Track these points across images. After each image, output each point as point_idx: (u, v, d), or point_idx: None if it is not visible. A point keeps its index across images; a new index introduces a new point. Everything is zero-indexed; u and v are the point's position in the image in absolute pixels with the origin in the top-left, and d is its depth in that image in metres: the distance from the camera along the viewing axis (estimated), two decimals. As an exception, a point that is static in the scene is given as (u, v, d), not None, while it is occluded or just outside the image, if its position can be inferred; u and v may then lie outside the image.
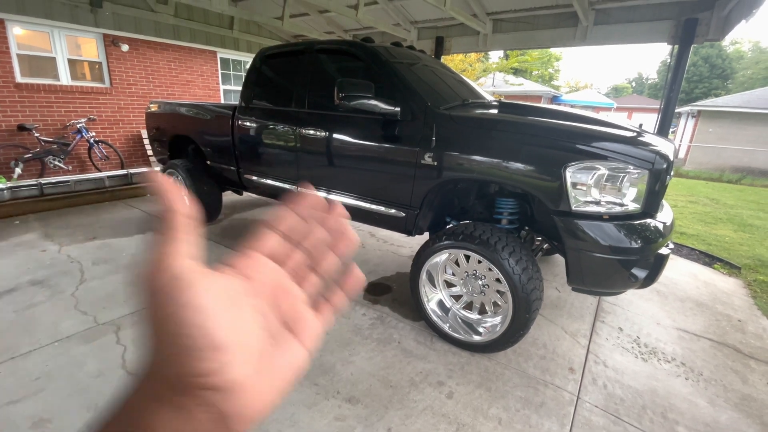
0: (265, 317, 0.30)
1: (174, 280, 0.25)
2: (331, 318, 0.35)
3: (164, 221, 0.26)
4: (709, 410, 1.92)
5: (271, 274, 0.32)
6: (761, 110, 14.52)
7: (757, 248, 4.84)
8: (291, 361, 0.31)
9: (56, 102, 5.72)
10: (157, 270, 0.25)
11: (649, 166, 1.81)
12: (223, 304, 0.26)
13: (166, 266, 0.25)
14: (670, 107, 4.05)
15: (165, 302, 0.24)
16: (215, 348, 0.25)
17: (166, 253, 0.25)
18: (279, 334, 0.31)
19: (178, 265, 0.25)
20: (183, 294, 0.24)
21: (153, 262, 0.25)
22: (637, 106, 28.25)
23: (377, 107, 2.30)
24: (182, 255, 0.26)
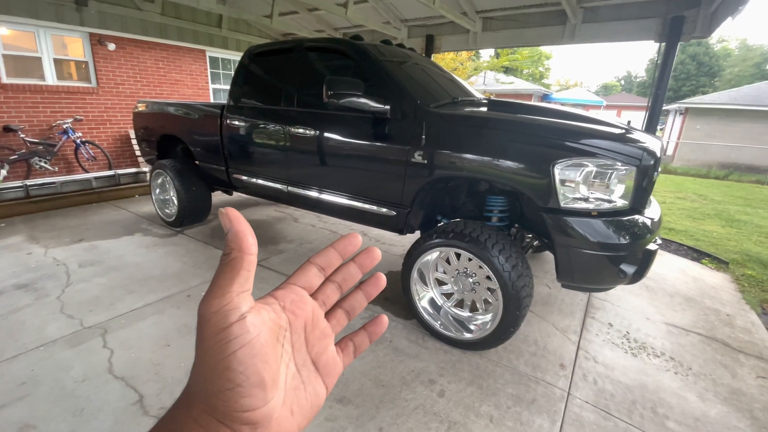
0: (297, 350, 0.31)
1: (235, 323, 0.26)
2: (351, 358, 0.36)
3: (232, 259, 0.27)
4: (698, 405, 1.94)
5: (308, 309, 0.33)
6: (748, 107, 14.76)
7: (744, 243, 4.91)
8: (313, 398, 0.31)
9: (42, 102, 5.62)
10: (219, 308, 0.26)
11: (637, 162, 1.82)
12: (270, 342, 0.28)
13: (228, 305, 0.26)
14: (657, 104, 4.08)
15: (224, 343, 0.25)
16: (261, 386, 0.26)
17: (228, 292, 0.26)
18: (307, 370, 0.32)
19: (238, 305, 0.26)
20: (240, 335, 0.26)
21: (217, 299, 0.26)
22: (626, 104, 28.55)
23: (367, 105, 2.28)
24: (241, 293, 0.27)
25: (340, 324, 0.36)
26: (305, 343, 0.32)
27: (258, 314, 0.28)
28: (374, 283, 0.38)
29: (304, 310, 0.32)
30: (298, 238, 3.91)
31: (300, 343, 0.32)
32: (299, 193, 2.94)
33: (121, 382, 1.86)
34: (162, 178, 3.98)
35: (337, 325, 0.36)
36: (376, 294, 0.38)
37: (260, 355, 0.26)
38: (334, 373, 0.34)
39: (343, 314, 0.36)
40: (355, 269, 0.36)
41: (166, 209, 4.09)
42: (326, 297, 0.35)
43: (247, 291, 0.28)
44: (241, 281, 0.27)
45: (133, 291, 2.70)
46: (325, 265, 0.35)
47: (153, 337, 2.21)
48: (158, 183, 4.07)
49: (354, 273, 0.37)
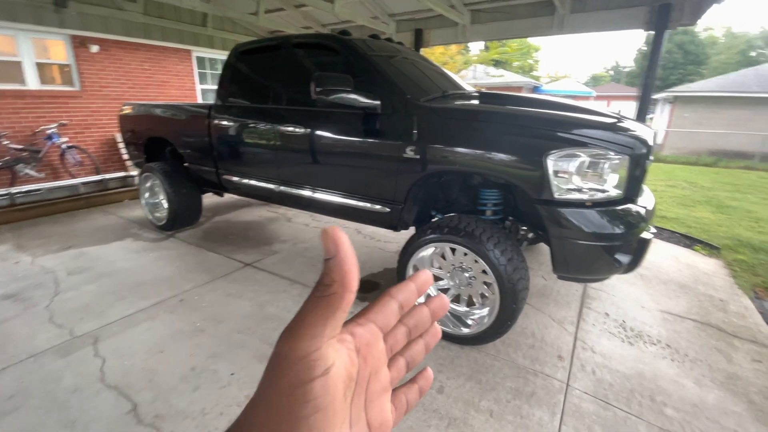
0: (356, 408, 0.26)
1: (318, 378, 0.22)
2: (402, 414, 0.31)
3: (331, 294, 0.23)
4: (695, 390, 1.95)
5: (378, 355, 0.28)
6: (734, 94, 14.93)
7: (734, 228, 4.97)
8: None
9: (24, 108, 5.48)
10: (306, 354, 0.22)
11: (630, 151, 1.81)
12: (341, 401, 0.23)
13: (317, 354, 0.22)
14: (647, 93, 4.10)
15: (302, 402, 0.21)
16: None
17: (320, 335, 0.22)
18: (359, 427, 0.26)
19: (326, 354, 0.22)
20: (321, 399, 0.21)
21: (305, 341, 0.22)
22: (615, 94, 28.74)
23: (357, 101, 2.25)
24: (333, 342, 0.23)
25: (399, 376, 0.30)
26: (365, 397, 0.27)
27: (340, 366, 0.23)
28: (434, 334, 0.33)
29: (376, 356, 0.27)
30: (292, 238, 3.87)
31: (360, 397, 0.26)
32: (291, 193, 2.90)
33: (113, 391, 1.82)
34: (151, 182, 3.92)
35: (396, 377, 0.30)
36: (434, 344, 0.33)
37: (331, 420, 0.22)
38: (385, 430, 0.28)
39: (404, 364, 0.31)
40: (427, 314, 0.31)
41: (156, 213, 4.03)
42: (395, 342, 0.29)
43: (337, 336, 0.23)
44: (335, 324, 0.23)
45: (124, 297, 2.65)
46: (405, 302, 0.29)
47: (146, 343, 2.16)
48: (147, 186, 4.00)
49: (425, 319, 0.31)
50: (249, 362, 2.03)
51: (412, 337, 0.31)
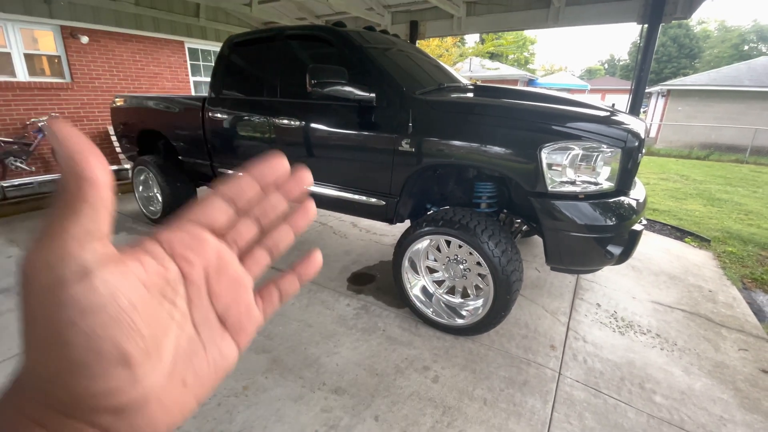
0: (196, 304, 0.25)
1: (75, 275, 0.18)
2: (276, 305, 0.30)
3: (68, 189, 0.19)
4: (684, 378, 2.00)
5: (211, 252, 0.25)
6: (727, 87, 15.04)
7: (725, 221, 5.05)
8: (217, 362, 0.25)
9: (14, 100, 5.40)
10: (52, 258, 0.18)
11: (622, 144, 1.83)
12: (146, 302, 0.21)
13: (65, 254, 0.18)
14: (640, 86, 4.12)
15: (60, 304, 0.18)
16: (124, 363, 0.19)
17: (62, 236, 0.18)
18: (209, 328, 0.25)
19: (82, 253, 0.18)
20: (84, 300, 0.18)
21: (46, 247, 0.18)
22: (609, 88, 28.82)
23: (352, 94, 2.24)
24: (88, 237, 0.19)
25: (260, 265, 0.29)
26: (208, 295, 0.25)
27: (121, 266, 0.20)
28: (303, 213, 0.31)
29: (204, 253, 0.25)
30: (288, 231, 3.87)
31: (200, 297, 0.25)
32: (286, 186, 2.89)
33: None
34: (144, 175, 3.89)
35: (255, 266, 0.29)
36: (305, 224, 0.31)
37: (122, 322, 0.19)
38: (250, 327, 0.27)
39: (264, 253, 0.29)
40: (278, 199, 0.29)
41: (150, 206, 4.00)
42: (238, 235, 0.27)
43: (99, 237, 0.19)
44: (83, 222, 0.19)
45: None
46: (235, 195, 0.27)
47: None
48: (141, 180, 3.97)
49: (277, 203, 0.29)
50: (246, 353, 2.04)
51: (267, 224, 0.29)
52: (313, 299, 2.59)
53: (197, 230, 0.25)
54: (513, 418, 1.69)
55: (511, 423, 1.66)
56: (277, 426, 1.62)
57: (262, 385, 1.83)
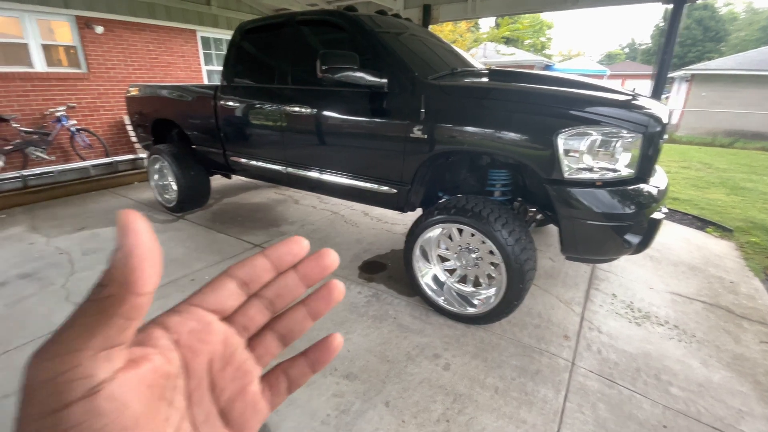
0: (197, 401, 0.23)
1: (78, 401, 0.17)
2: (283, 397, 0.27)
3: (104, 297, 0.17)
4: (702, 370, 1.95)
5: (215, 341, 0.24)
6: (754, 72, 14.38)
7: (749, 210, 4.87)
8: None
9: (32, 90, 5.51)
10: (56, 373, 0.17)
11: (643, 129, 1.76)
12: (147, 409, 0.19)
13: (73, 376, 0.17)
14: (663, 70, 3.96)
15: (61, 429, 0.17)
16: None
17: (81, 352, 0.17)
18: (210, 427, 0.23)
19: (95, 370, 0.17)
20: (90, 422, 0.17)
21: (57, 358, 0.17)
22: (630, 73, 27.87)
23: (363, 79, 2.21)
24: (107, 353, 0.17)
25: (270, 354, 0.27)
26: (210, 388, 0.24)
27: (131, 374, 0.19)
28: (325, 296, 0.27)
29: (210, 342, 0.23)
30: (300, 220, 3.89)
31: (201, 391, 0.23)
32: (298, 174, 2.90)
33: (129, 366, 1.88)
34: (159, 164, 3.94)
35: (265, 355, 0.27)
36: (326, 310, 0.28)
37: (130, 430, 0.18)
38: (254, 421, 0.25)
39: (275, 340, 0.27)
40: (294, 281, 0.27)
41: (165, 195, 4.06)
42: (249, 320, 0.26)
43: (119, 346, 0.18)
44: (109, 333, 0.17)
45: (136, 277, 2.70)
46: (248, 279, 0.25)
47: (159, 321, 2.22)
48: (156, 169, 4.02)
49: (293, 286, 0.27)
50: (259, 339, 2.07)
51: (277, 310, 0.27)
52: (324, 287, 2.61)
53: (206, 316, 0.23)
54: (525, 406, 1.68)
55: (523, 412, 1.66)
56: (289, 410, 1.64)
57: (274, 370, 1.85)
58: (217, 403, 0.24)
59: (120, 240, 0.18)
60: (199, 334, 0.23)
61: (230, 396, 0.24)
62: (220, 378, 0.24)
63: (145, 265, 0.18)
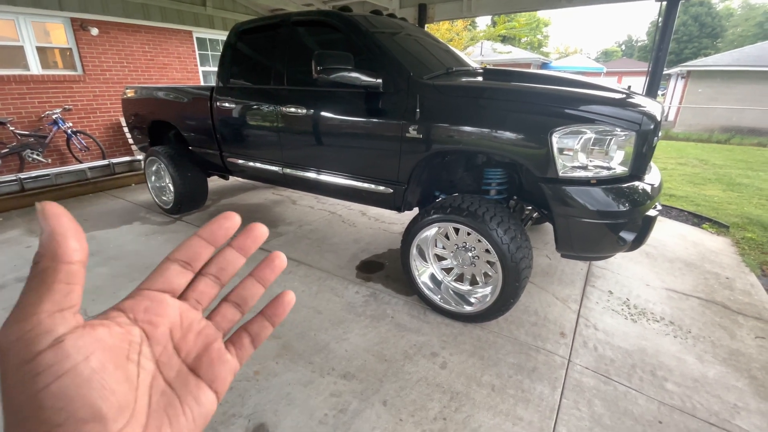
0: (164, 362, 0.27)
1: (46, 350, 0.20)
2: (250, 350, 0.32)
3: (41, 270, 0.22)
4: (697, 366, 1.96)
5: (171, 314, 0.28)
6: (750, 68, 14.43)
7: (745, 206, 4.89)
8: (195, 411, 0.27)
9: (28, 93, 5.50)
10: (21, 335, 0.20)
11: (637, 127, 1.77)
12: (113, 364, 0.23)
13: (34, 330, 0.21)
14: (658, 67, 3.97)
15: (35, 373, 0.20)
16: (98, 419, 0.21)
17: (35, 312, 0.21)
18: (182, 381, 0.27)
19: (49, 327, 0.21)
20: (57, 365, 0.20)
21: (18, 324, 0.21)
22: (626, 70, 27.91)
23: (358, 80, 2.22)
24: (62, 315, 0.21)
25: (229, 320, 0.32)
26: (175, 352, 0.28)
27: (89, 334, 0.22)
28: (269, 265, 0.32)
29: (166, 315, 0.27)
30: (297, 220, 3.90)
31: (167, 354, 0.27)
32: (294, 175, 2.90)
33: (127, 368, 1.88)
34: (156, 166, 3.93)
35: (223, 321, 0.31)
36: (273, 278, 0.33)
37: (93, 382, 0.21)
38: (224, 374, 0.29)
39: (231, 308, 0.32)
40: (233, 255, 0.31)
41: (162, 197, 4.06)
42: (200, 294, 0.30)
43: (69, 309, 0.22)
44: (55, 298, 0.21)
45: (134, 279, 2.71)
46: (189, 258, 0.29)
47: (157, 323, 2.22)
48: (153, 170, 4.02)
49: (233, 259, 0.31)
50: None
51: (226, 281, 0.31)
52: (322, 286, 2.61)
53: (157, 295, 0.28)
54: (521, 404, 1.69)
55: (519, 409, 1.67)
56: (288, 409, 1.65)
57: (272, 370, 1.86)
58: (185, 361, 0.28)
59: (42, 224, 0.22)
60: (154, 310, 0.27)
61: (196, 355, 0.29)
62: (183, 343, 0.28)
63: (68, 239, 0.22)
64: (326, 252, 3.16)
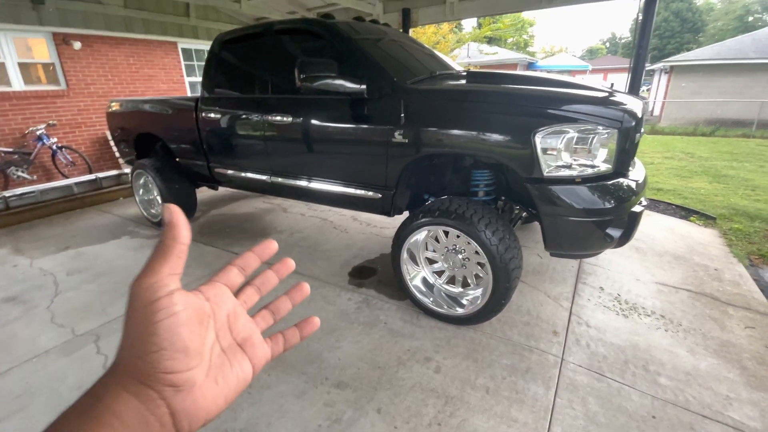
0: (222, 334, 0.36)
1: (164, 297, 0.30)
2: (281, 349, 0.42)
3: (166, 245, 0.32)
4: (689, 359, 1.98)
5: (229, 303, 0.38)
6: (732, 61, 14.71)
7: (731, 197, 4.97)
8: (239, 374, 0.36)
9: (11, 110, 5.42)
10: (150, 285, 0.30)
11: (618, 125, 1.79)
12: (193, 319, 0.32)
13: (158, 283, 0.30)
14: (640, 63, 4.02)
15: (152, 313, 0.29)
16: (185, 351, 0.30)
17: (159, 272, 0.31)
18: (232, 351, 0.37)
19: (167, 283, 0.31)
20: (168, 307, 0.30)
21: (147, 277, 0.30)
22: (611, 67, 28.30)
23: (342, 86, 2.22)
24: (171, 275, 0.31)
25: (265, 322, 0.42)
26: (230, 330, 0.37)
27: (186, 295, 0.32)
28: (298, 290, 0.45)
29: (226, 303, 0.37)
30: (288, 228, 3.88)
31: (224, 330, 0.36)
32: (282, 183, 2.89)
33: (117, 387, 1.85)
34: (144, 178, 3.89)
35: (261, 322, 0.41)
36: (300, 299, 0.44)
37: (186, 325, 0.30)
38: (261, 356, 0.38)
39: (268, 314, 0.43)
40: (272, 275, 0.43)
41: (151, 209, 4.02)
42: (247, 297, 0.41)
43: (177, 275, 0.32)
44: (171, 265, 0.31)
45: (123, 295, 2.67)
46: (244, 266, 0.40)
47: (146, 339, 2.19)
48: (140, 183, 3.98)
49: (271, 278, 0.43)
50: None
51: (264, 293, 0.43)
52: (314, 295, 2.60)
53: (222, 287, 0.38)
54: (516, 405, 1.69)
55: (514, 410, 1.66)
56: (281, 422, 1.63)
57: (265, 383, 1.84)
58: (235, 339, 0.37)
59: (167, 216, 0.33)
60: (219, 296, 0.37)
61: (243, 337, 0.38)
62: (234, 325, 0.38)
63: (183, 228, 0.33)
64: (318, 259, 3.14)
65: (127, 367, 0.29)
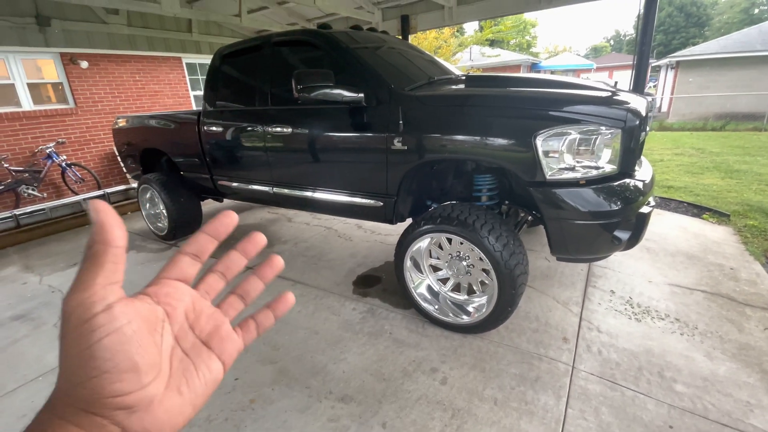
0: (182, 336, 0.33)
1: (100, 313, 0.26)
2: (254, 334, 0.38)
3: (95, 252, 0.27)
4: (706, 364, 1.90)
5: (186, 299, 0.34)
6: (739, 54, 14.46)
7: (744, 193, 4.84)
8: (206, 376, 0.33)
9: (21, 129, 5.54)
10: (82, 301, 0.26)
11: (622, 124, 1.75)
12: (143, 331, 0.28)
13: (91, 297, 0.26)
14: (643, 60, 3.96)
15: (88, 333, 0.25)
16: (134, 371, 0.26)
17: (91, 285, 0.26)
18: (196, 350, 0.33)
19: (103, 296, 0.26)
20: (106, 324, 0.26)
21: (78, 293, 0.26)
22: (616, 64, 28.07)
23: (340, 95, 2.21)
24: (107, 285, 0.27)
25: (235, 308, 0.38)
26: (191, 328, 0.34)
27: (130, 304, 0.28)
28: (269, 265, 0.39)
29: (182, 299, 0.33)
30: (293, 238, 3.87)
31: (183, 331, 0.33)
32: (285, 194, 2.88)
33: (121, 405, 1.83)
34: (150, 193, 3.93)
35: (230, 309, 0.37)
36: (272, 276, 0.39)
37: (133, 340, 0.27)
38: (232, 349, 0.35)
39: (237, 299, 0.38)
40: (237, 256, 0.37)
41: (157, 223, 4.05)
42: (209, 287, 0.36)
43: (115, 283, 0.27)
44: (106, 274, 0.27)
45: (129, 310, 2.67)
46: (197, 251, 0.35)
47: (151, 355, 2.18)
48: (147, 198, 4.01)
49: (237, 260, 0.37)
50: (253, 366, 2.03)
51: (231, 278, 0.38)
52: (319, 305, 2.57)
53: (173, 284, 0.34)
54: (525, 417, 1.64)
55: (524, 423, 1.61)
56: (285, 439, 1.60)
57: (268, 398, 1.81)
58: (199, 337, 0.34)
59: (93, 217, 0.27)
60: (172, 294, 0.33)
61: (208, 333, 0.34)
62: (196, 323, 0.34)
63: (114, 228, 0.28)
64: (322, 269, 3.12)
65: (68, 396, 0.26)
